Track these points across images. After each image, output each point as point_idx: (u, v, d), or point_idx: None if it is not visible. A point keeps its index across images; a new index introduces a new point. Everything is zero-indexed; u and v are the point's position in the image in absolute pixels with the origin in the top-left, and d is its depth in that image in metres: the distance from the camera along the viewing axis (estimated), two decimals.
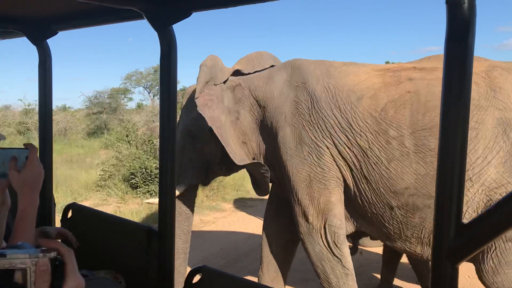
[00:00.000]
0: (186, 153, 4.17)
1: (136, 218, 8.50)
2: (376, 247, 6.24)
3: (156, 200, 4.38)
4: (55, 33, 2.21)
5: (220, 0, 1.53)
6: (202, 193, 10.15)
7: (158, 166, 10.03)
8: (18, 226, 1.29)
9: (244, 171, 4.42)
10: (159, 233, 1.77)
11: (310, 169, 3.64)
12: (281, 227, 4.36)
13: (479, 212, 3.23)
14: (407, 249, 3.60)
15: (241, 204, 9.81)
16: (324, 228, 3.70)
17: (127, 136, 12.80)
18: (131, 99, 36.74)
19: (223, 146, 3.82)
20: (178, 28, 1.72)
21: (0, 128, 20.69)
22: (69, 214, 2.27)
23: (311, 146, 3.62)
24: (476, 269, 3.47)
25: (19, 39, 2.43)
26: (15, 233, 1.28)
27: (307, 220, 3.73)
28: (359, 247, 4.74)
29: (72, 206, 2.29)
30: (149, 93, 36.61)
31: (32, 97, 25.96)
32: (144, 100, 36.46)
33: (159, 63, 1.71)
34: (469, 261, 3.67)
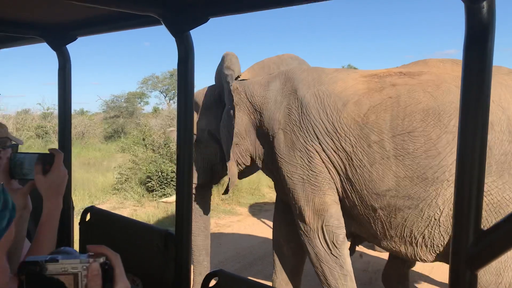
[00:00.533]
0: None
1: (153, 221, 8.56)
2: (380, 252, 6.18)
3: (170, 199, 4.50)
4: (75, 39, 2.24)
5: (236, 5, 1.54)
6: (217, 197, 10.18)
7: (174, 169, 10.12)
8: (42, 228, 1.32)
9: (260, 174, 4.51)
10: (176, 236, 1.78)
11: (302, 172, 3.80)
12: (289, 230, 4.41)
13: None
14: (392, 248, 3.71)
15: (256, 208, 9.82)
16: (322, 228, 3.81)
17: (143, 139, 12.90)
18: (147, 103, 37.11)
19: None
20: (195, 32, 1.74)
21: (19, 132, 21.03)
22: (87, 217, 2.30)
23: (302, 151, 3.78)
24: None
25: (37, 44, 2.48)
26: (39, 235, 1.31)
27: (304, 221, 3.85)
28: (356, 249, 4.73)
29: (91, 209, 2.31)
30: (165, 97, 36.86)
31: (51, 101, 26.39)
32: (161, 104, 36.72)
33: (175, 67, 1.73)
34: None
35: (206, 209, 4.56)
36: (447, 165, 3.27)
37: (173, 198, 4.64)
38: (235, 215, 9.27)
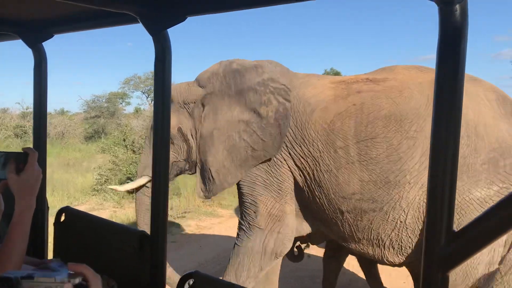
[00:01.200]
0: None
1: (133, 222, 8.47)
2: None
3: (119, 187, 4.77)
4: (51, 36, 2.20)
5: (215, 4, 1.53)
6: (199, 199, 10.12)
7: None
8: (14, 229, 1.29)
9: None
10: (151, 237, 1.76)
11: (267, 177, 3.93)
12: None
13: (421, 212, 3.43)
14: (360, 250, 3.81)
15: (238, 210, 9.79)
16: (273, 233, 3.91)
17: (124, 140, 12.77)
18: (129, 103, 36.69)
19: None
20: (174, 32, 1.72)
21: None
22: (62, 218, 2.25)
23: (271, 158, 3.91)
24: None
25: (17, 42, 2.43)
26: (11, 235, 1.28)
27: (254, 217, 3.96)
28: (305, 252, 4.83)
29: (66, 210, 2.27)
30: (147, 97, 36.54)
31: (30, 101, 25.88)
32: (142, 105, 36.36)
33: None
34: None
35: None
36: (408, 169, 3.40)
37: (124, 187, 4.73)
38: (217, 217, 9.24)
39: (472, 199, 3.28)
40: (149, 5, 1.61)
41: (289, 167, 3.85)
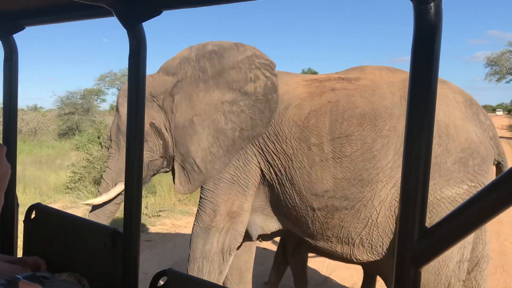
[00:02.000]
0: (124, 150, 3.86)
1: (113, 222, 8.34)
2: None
3: (94, 200, 4.17)
4: (22, 28, 2.15)
5: None
6: (174, 197, 10.04)
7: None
8: None
9: None
10: (124, 235, 1.73)
11: (234, 173, 3.84)
12: None
13: (393, 211, 3.47)
14: (328, 248, 3.81)
15: None
16: (227, 231, 3.86)
17: (98, 137, 12.58)
18: (104, 100, 36.19)
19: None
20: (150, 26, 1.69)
21: None
22: (33, 215, 2.20)
23: (241, 152, 3.83)
24: None
25: None
26: None
27: (212, 218, 3.86)
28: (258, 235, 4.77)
29: (36, 207, 2.22)
30: None
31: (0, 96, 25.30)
32: None
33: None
34: None
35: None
36: (382, 167, 3.43)
37: (99, 199, 4.09)
38: (192, 215, 9.17)
39: (443, 197, 3.35)
40: None
41: (258, 162, 3.81)
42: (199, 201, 4.01)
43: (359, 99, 3.57)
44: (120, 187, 3.99)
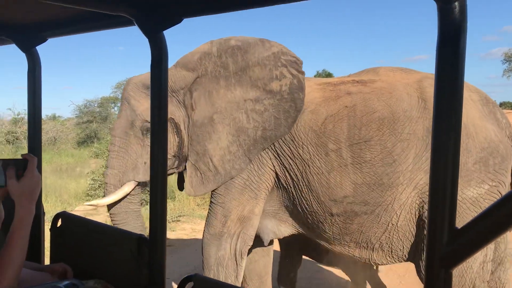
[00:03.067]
0: (133, 147, 3.85)
1: None
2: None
3: (100, 201, 4.01)
4: (45, 40, 2.19)
5: (211, 6, 1.53)
6: (193, 202, 10.09)
7: None
8: (15, 235, 1.29)
9: None
10: (150, 241, 1.74)
11: (247, 177, 3.75)
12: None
13: (413, 214, 3.44)
14: (346, 252, 3.78)
15: None
16: (238, 235, 3.79)
17: None
18: None
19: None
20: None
21: None
22: (59, 223, 2.24)
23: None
24: None
25: (7, 46, 2.41)
26: (11, 241, 1.28)
27: (223, 223, 3.79)
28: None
29: (62, 215, 2.25)
30: None
31: (22, 106, 25.75)
32: None
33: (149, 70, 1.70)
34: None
35: (139, 208, 4.04)
36: (402, 170, 3.40)
37: (105, 200, 3.84)
38: None
39: (465, 198, 3.31)
40: (144, 6, 1.60)
41: (273, 166, 3.75)
42: (210, 206, 3.93)
43: (376, 103, 3.53)
44: (129, 186, 3.79)
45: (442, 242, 1.02)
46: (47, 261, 2.32)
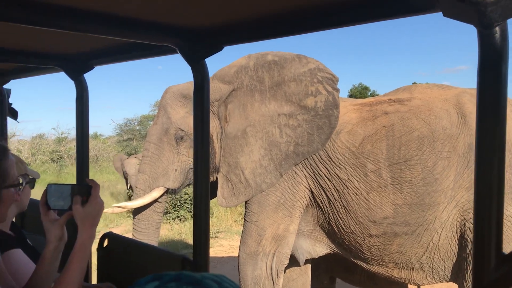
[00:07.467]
0: (166, 154, 3.94)
1: (166, 243, 8.54)
2: None
3: (128, 203, 4.09)
4: (92, 68, 2.30)
5: (249, 34, 1.58)
6: (231, 218, 10.14)
7: (187, 191, 10.08)
8: (75, 258, 1.35)
9: None
10: (193, 262, 1.78)
11: (281, 195, 3.73)
12: None
13: (455, 232, 3.38)
14: (384, 273, 3.73)
15: None
16: (274, 254, 3.76)
17: None
18: None
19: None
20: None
21: (35, 157, 21.27)
22: (105, 243, 2.31)
23: (289, 173, 3.73)
24: None
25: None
26: (72, 264, 1.34)
27: (258, 242, 3.77)
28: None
29: (108, 235, 2.33)
30: None
31: (65, 126, 26.68)
32: None
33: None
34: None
35: (161, 218, 4.12)
36: (443, 189, 3.35)
37: (134, 203, 3.96)
38: None
39: (509, 215, 3.21)
40: (187, 36, 1.66)
41: (309, 185, 3.74)
42: (244, 225, 3.92)
43: (415, 122, 3.49)
44: (156, 193, 3.87)
45: (489, 268, 1.01)
46: (93, 280, 2.39)
